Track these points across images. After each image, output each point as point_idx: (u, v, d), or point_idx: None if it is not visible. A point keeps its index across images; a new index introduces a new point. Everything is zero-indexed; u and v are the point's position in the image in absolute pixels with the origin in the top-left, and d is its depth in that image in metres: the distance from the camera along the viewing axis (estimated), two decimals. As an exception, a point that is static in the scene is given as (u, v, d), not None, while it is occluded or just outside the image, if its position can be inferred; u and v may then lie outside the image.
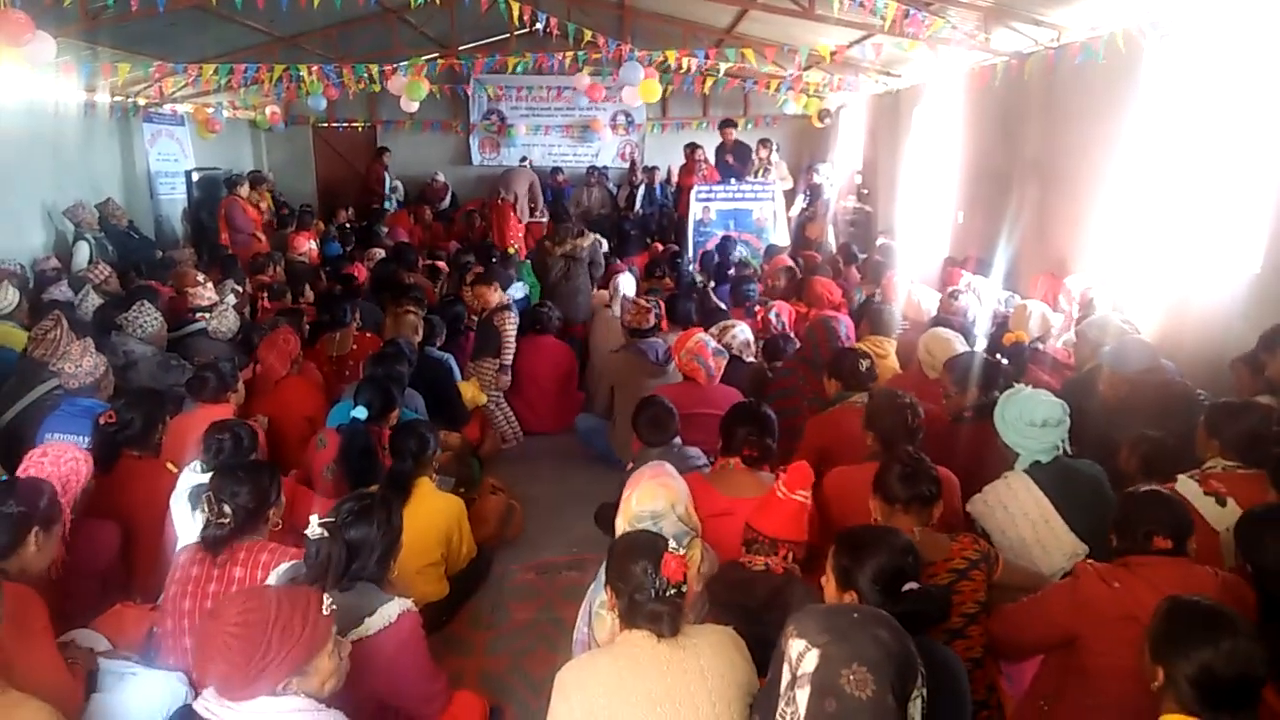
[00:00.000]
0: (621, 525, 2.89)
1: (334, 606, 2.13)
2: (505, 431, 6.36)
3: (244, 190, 9.84)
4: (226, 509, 2.86)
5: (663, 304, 6.04)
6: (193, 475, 3.39)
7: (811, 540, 2.92)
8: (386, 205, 13.20)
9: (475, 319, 6.87)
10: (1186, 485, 3.12)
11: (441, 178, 13.97)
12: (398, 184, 13.73)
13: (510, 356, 6.34)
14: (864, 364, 4.23)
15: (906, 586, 2.31)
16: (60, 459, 3.25)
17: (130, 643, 2.97)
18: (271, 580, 2.64)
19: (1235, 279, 5.06)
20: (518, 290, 7.78)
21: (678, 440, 4.03)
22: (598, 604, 2.79)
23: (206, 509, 2.90)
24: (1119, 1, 5.70)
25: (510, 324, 6.35)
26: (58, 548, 2.96)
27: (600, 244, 9.95)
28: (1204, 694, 2.01)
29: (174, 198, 11.12)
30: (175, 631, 2.86)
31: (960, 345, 4.68)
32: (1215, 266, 5.27)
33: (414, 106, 10.62)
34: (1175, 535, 2.61)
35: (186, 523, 3.25)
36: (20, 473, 3.17)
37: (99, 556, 3.34)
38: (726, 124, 11.37)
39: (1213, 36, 5.28)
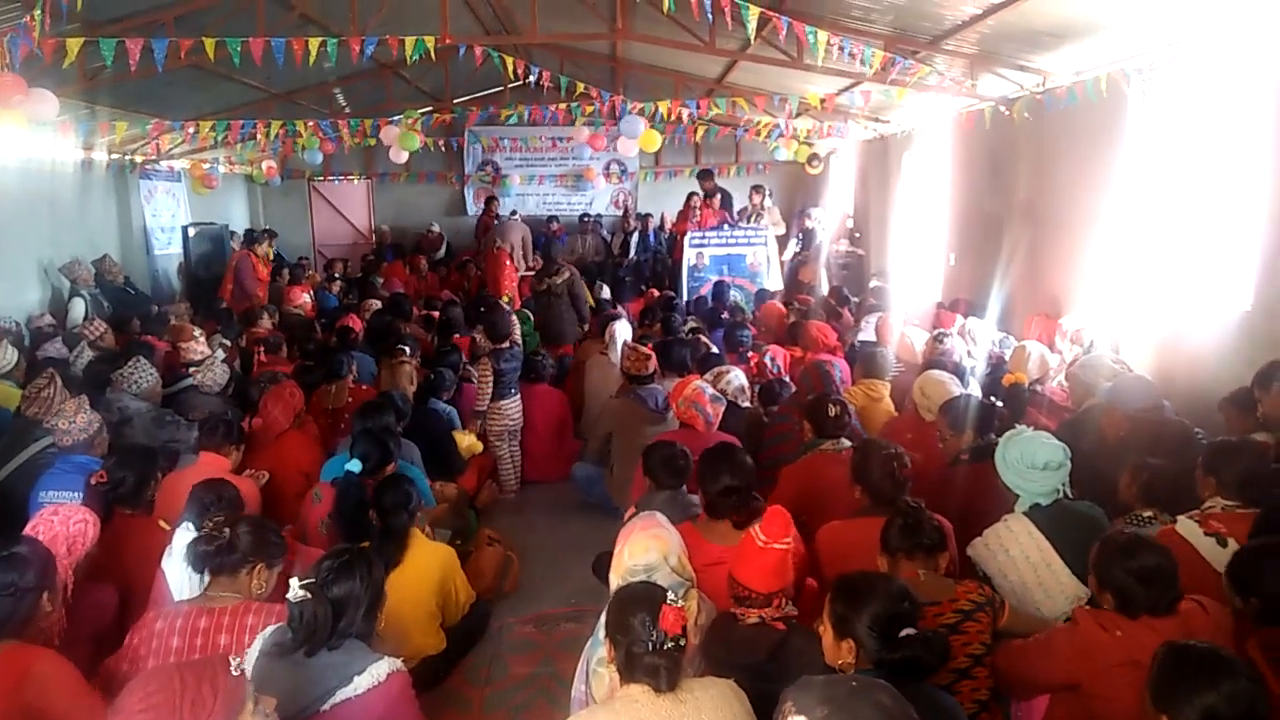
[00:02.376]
0: (614, 581, 2.85)
1: (244, 666, 2.04)
2: (507, 481, 6.32)
3: (261, 249, 9.86)
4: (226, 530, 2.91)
5: (653, 350, 6.04)
6: (186, 534, 3.35)
7: (800, 581, 2.88)
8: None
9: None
10: (1187, 526, 3.10)
11: (437, 228, 14.09)
12: None
13: (482, 405, 6.31)
14: (833, 410, 4.23)
15: (904, 633, 2.28)
16: (70, 519, 3.24)
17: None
18: (257, 645, 2.60)
19: (1226, 316, 5.08)
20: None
21: (683, 488, 4.00)
22: (595, 661, 2.74)
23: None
24: (1102, 47, 5.80)
25: (487, 376, 6.31)
26: (59, 611, 2.92)
27: (600, 287, 10.05)
28: None
29: (170, 253, 11.19)
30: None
31: (955, 388, 4.65)
32: (1206, 304, 5.30)
33: (404, 157, 10.68)
34: None
35: (178, 581, 3.21)
36: (29, 530, 3.14)
37: (98, 620, 3.29)
38: (704, 175, 11.49)
39: (1195, 79, 5.37)
